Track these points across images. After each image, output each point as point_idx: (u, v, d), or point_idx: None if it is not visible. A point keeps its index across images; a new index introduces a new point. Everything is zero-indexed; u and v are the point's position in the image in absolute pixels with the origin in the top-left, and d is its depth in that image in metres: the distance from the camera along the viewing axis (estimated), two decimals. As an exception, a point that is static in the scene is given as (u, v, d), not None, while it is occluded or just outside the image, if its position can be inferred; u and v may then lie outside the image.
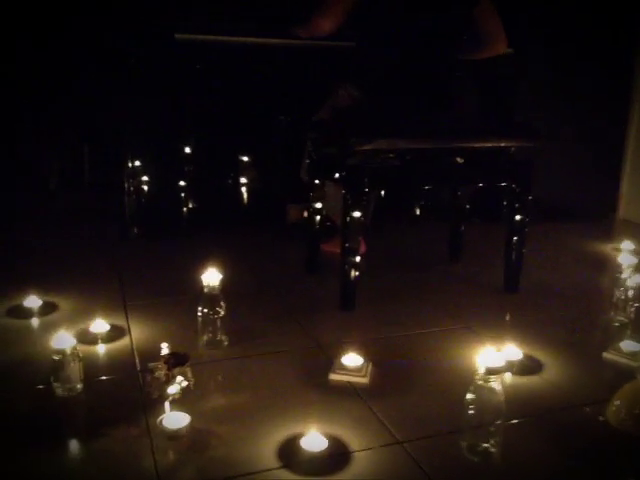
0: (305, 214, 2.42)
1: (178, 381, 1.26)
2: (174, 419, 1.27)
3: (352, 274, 1.94)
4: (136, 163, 3.17)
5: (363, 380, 1.49)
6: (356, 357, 1.55)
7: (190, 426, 1.26)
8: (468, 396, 1.20)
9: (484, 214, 2.93)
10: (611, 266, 2.08)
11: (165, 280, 2.18)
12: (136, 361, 1.58)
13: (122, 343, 1.68)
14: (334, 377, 1.51)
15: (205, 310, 1.64)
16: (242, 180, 3.35)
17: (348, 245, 1.92)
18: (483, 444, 1.23)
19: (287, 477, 1.15)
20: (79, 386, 1.41)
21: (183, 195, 3.32)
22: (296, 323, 1.86)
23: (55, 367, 1.38)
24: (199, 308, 1.65)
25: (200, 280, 1.65)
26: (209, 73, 2.76)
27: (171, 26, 2.35)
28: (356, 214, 1.90)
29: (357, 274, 1.94)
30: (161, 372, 1.24)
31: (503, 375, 1.54)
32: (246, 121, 3.04)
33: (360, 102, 2.22)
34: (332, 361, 1.56)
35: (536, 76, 2.99)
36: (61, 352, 1.37)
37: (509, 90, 3.01)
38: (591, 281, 2.28)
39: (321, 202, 2.27)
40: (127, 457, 1.20)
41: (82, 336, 1.68)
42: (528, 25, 2.82)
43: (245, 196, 3.37)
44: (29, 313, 1.85)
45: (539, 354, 1.68)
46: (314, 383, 1.49)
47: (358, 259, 1.94)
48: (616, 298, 1.92)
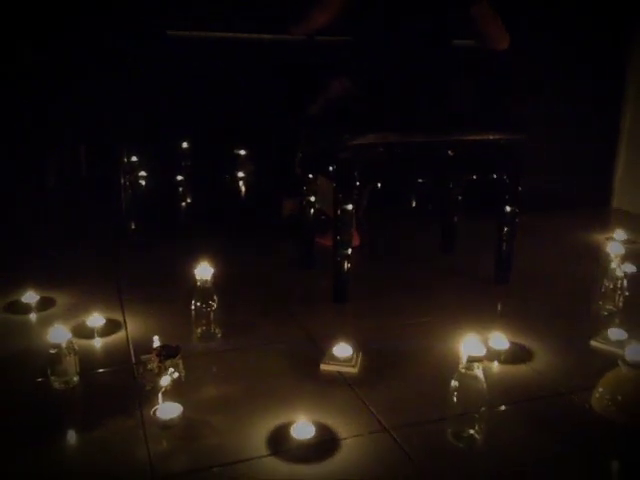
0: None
1: (170, 372, 1.29)
2: (167, 409, 1.30)
3: (344, 267, 1.97)
4: (132, 159, 3.20)
5: (353, 370, 1.53)
6: (346, 348, 1.58)
7: (183, 416, 1.30)
8: (452, 384, 1.24)
9: (478, 206, 2.95)
10: (602, 256, 2.10)
11: (161, 274, 2.21)
12: (131, 354, 1.61)
13: (118, 336, 1.72)
14: (325, 367, 1.54)
15: (198, 303, 1.68)
16: (238, 174, 3.38)
17: (340, 238, 1.95)
18: (468, 430, 1.26)
19: (276, 464, 1.18)
20: (75, 378, 1.45)
21: (180, 190, 3.36)
22: (289, 315, 1.89)
23: (51, 360, 1.42)
24: (192, 301, 1.68)
25: (193, 274, 1.69)
26: (203, 69, 2.79)
27: (164, 23, 2.37)
28: (347, 207, 1.93)
29: (349, 267, 1.97)
30: (153, 364, 1.27)
31: (491, 363, 1.58)
32: (241, 116, 3.07)
33: (352, 93, 2.24)
34: (323, 352, 1.60)
35: (529, 68, 3.00)
36: (57, 346, 1.40)
37: (504, 84, 3.03)
38: (582, 271, 2.30)
39: (314, 196, 2.30)
40: (121, 446, 1.24)
41: (79, 330, 1.71)
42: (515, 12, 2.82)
43: (241, 190, 3.40)
44: (27, 308, 1.89)
45: (527, 343, 1.71)
46: (305, 373, 1.53)
47: (350, 252, 1.97)
48: (605, 287, 1.94)
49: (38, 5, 2.78)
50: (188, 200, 3.34)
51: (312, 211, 2.31)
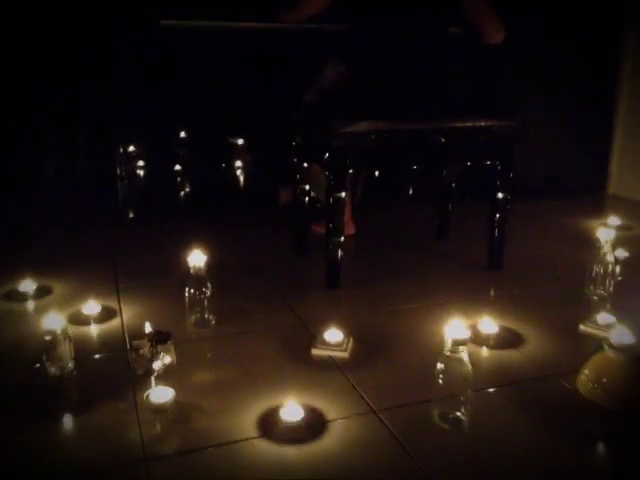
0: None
1: (161, 357, 1.31)
2: (160, 393, 1.33)
3: (337, 254, 1.99)
4: (130, 148, 3.22)
5: (343, 354, 1.55)
6: (337, 332, 1.60)
7: (175, 400, 1.32)
8: (438, 366, 1.26)
9: (475, 193, 2.96)
10: (594, 241, 2.12)
11: (157, 262, 2.23)
12: (126, 340, 1.64)
13: (113, 323, 1.75)
14: (316, 352, 1.57)
15: (192, 291, 1.70)
16: (234, 163, 3.39)
17: (332, 225, 1.97)
18: (454, 412, 1.29)
19: (265, 446, 1.21)
20: (71, 364, 1.47)
21: (179, 179, 3.38)
22: (283, 302, 1.91)
23: (47, 347, 1.44)
24: (186, 289, 1.71)
25: (187, 262, 1.71)
26: (199, 58, 2.80)
27: (157, 12, 2.38)
28: (339, 195, 1.94)
29: (342, 254, 1.99)
30: (145, 349, 1.30)
31: (480, 348, 1.60)
32: (238, 105, 3.08)
33: (346, 79, 2.25)
34: (315, 337, 1.62)
35: (524, 54, 3.00)
36: (52, 333, 1.43)
37: (497, 72, 3.03)
38: (575, 256, 2.32)
39: (309, 184, 2.31)
40: (115, 429, 1.26)
41: (75, 317, 1.75)
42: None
43: (237, 179, 3.41)
44: (24, 297, 1.92)
45: (517, 327, 1.73)
46: (297, 358, 1.56)
47: (342, 239, 1.99)
48: (595, 272, 1.96)
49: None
50: (186, 189, 3.36)
51: (306, 199, 2.33)
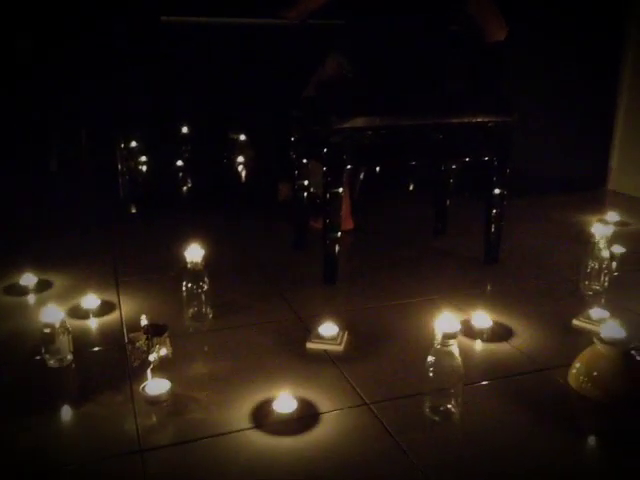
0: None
1: (157, 350, 1.34)
2: (156, 386, 1.35)
3: (334, 249, 2.00)
4: (132, 144, 3.25)
5: (338, 348, 1.57)
6: (332, 327, 1.62)
7: (170, 392, 1.35)
8: (428, 360, 1.28)
9: (474, 188, 2.97)
10: (589, 237, 2.13)
11: (157, 257, 2.26)
12: (124, 333, 1.66)
13: (112, 317, 1.77)
14: (311, 346, 1.59)
15: (189, 285, 1.72)
16: (236, 158, 3.41)
17: (329, 221, 1.99)
18: (445, 404, 1.30)
19: (258, 437, 1.23)
20: (69, 357, 1.50)
21: (181, 174, 3.40)
22: (280, 297, 1.93)
23: (45, 340, 1.47)
24: (184, 283, 1.73)
25: (184, 256, 1.73)
26: (199, 54, 2.81)
27: (157, 11, 2.39)
28: (336, 191, 1.96)
29: (339, 249, 2.01)
30: (141, 342, 1.32)
31: (474, 341, 1.62)
32: (238, 101, 3.09)
33: (346, 71, 2.26)
34: (310, 331, 1.65)
35: (524, 50, 3.00)
36: (50, 326, 1.46)
37: (497, 68, 3.03)
38: (571, 252, 2.33)
39: (308, 180, 2.33)
40: (111, 420, 1.29)
41: (74, 311, 1.77)
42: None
43: (238, 174, 3.43)
44: (25, 291, 1.94)
45: (511, 322, 1.74)
46: (292, 352, 1.58)
47: (339, 235, 2.00)
48: (590, 268, 1.97)
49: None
50: (188, 184, 3.39)
51: (305, 195, 2.34)
